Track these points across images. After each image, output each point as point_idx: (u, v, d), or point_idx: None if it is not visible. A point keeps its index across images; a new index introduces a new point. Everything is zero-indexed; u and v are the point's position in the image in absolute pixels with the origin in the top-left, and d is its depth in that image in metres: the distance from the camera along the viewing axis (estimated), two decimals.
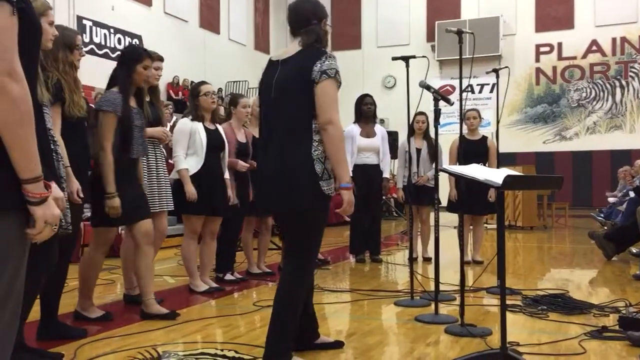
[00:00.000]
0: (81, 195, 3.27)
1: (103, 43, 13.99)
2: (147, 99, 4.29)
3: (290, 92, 2.74)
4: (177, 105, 13.56)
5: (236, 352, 3.13)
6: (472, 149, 6.06)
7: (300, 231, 2.80)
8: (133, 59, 3.79)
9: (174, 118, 9.67)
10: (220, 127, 4.99)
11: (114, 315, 3.94)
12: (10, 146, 1.39)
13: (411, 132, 6.76)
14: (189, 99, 5.03)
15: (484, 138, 6.51)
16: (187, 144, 4.68)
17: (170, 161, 5.07)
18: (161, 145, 4.44)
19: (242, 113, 5.37)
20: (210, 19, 17.76)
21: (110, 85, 3.84)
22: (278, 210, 2.89)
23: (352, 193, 2.79)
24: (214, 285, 4.94)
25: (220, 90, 16.75)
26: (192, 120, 4.74)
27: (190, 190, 4.58)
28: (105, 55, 13.79)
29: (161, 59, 4.58)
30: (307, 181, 2.68)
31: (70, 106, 3.28)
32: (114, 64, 3.94)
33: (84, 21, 13.38)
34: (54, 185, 1.51)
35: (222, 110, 6.54)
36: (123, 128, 3.67)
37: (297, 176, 2.69)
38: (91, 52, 12.90)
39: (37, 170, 1.43)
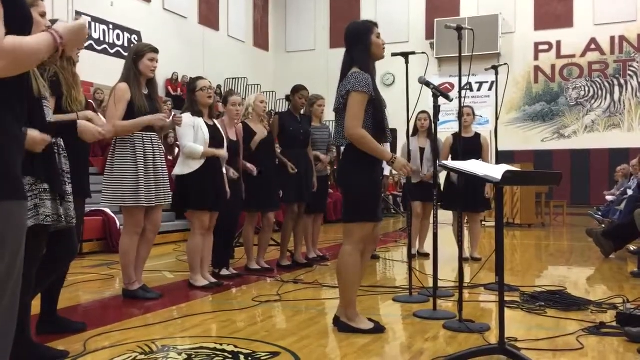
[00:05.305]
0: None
1: (102, 39, 13.92)
2: (145, 92, 4.29)
3: None
4: (175, 102, 13.55)
5: (235, 346, 3.15)
6: (466, 146, 6.07)
7: None
8: (365, 32, 3.48)
9: (172, 114, 9.66)
10: (217, 123, 5.00)
11: (113, 309, 3.95)
12: None
13: (414, 130, 6.77)
14: (187, 95, 5.04)
15: (477, 135, 6.53)
16: (193, 138, 4.68)
17: (169, 157, 5.07)
18: (159, 141, 4.44)
19: (232, 111, 5.36)
20: (209, 15, 17.74)
21: (344, 73, 3.49)
22: None
23: None
24: (214, 280, 4.95)
25: (219, 87, 16.73)
26: (192, 115, 4.76)
27: (221, 153, 4.79)
28: (104, 51, 13.70)
29: None
30: None
31: (68, 101, 3.27)
32: (112, 59, 3.91)
33: (83, 17, 13.34)
34: None
35: (221, 107, 6.54)
36: (375, 109, 3.39)
37: None
38: (90, 47, 12.86)
39: None
